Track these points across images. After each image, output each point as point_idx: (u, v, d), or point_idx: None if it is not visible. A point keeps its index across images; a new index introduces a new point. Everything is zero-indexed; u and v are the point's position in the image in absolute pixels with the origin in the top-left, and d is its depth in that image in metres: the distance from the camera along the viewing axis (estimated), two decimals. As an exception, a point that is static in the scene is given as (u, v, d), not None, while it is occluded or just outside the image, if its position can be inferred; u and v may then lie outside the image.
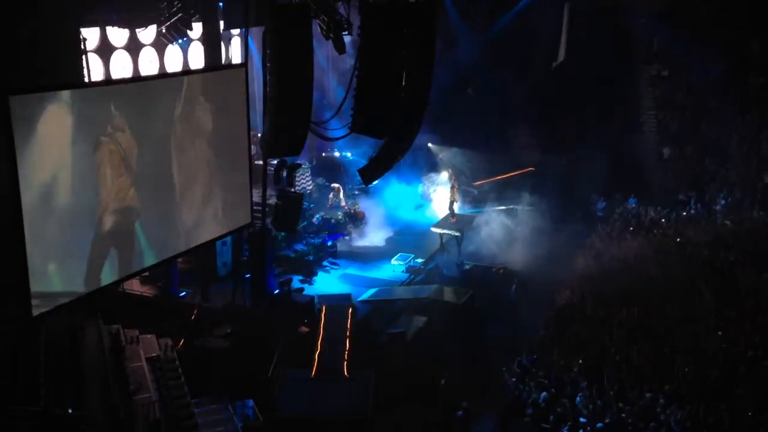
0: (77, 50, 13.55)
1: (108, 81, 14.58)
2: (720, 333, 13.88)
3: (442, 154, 23.44)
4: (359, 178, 16.06)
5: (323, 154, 23.66)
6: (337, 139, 15.81)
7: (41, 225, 10.09)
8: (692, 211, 20.86)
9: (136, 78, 15.14)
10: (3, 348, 10.09)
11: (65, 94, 10.72)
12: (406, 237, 20.50)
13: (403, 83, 13.59)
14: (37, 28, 11.23)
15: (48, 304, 10.76)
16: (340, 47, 13.99)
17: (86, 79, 13.97)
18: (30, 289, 10.35)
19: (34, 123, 10.17)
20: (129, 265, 10.95)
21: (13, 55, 10.80)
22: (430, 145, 23.22)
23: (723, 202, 21.03)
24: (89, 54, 14.53)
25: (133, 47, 15.54)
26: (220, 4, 16.11)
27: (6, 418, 9.04)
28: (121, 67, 15.25)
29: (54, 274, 10.27)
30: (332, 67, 22.93)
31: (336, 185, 21.73)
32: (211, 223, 14.15)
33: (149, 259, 11.63)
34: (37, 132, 10.21)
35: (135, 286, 15.25)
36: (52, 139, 10.48)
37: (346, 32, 14.03)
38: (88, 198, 10.72)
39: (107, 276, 10.85)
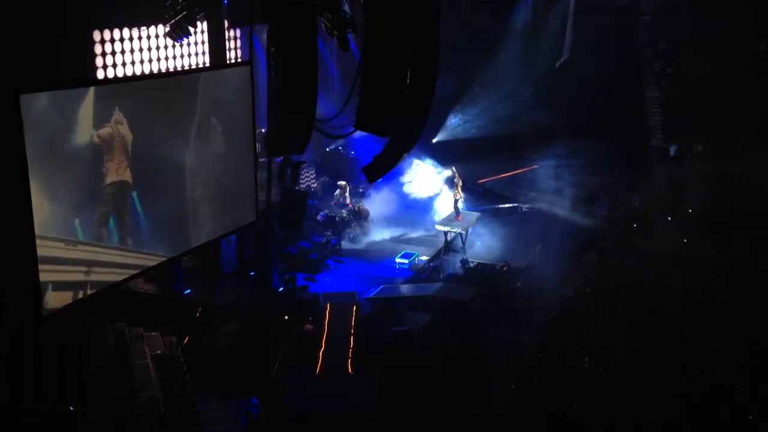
0: (85, 48, 13.58)
1: (114, 79, 14.60)
2: (729, 333, 13.79)
3: (447, 150, 23.40)
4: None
5: (327, 150, 23.63)
6: (342, 137, 15.82)
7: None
8: (698, 209, 20.75)
9: (141, 76, 15.14)
10: (9, 346, 10.12)
11: (73, 92, 10.85)
12: (411, 234, 20.51)
13: (408, 81, 13.57)
14: (46, 27, 11.26)
15: (59, 299, 10.93)
16: (344, 45, 13.98)
17: (94, 77, 14.02)
18: (40, 286, 10.47)
19: (42, 118, 10.30)
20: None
21: (23, 55, 10.87)
22: (434, 141, 23.20)
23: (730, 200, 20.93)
24: (94, 51, 14.54)
25: (137, 45, 15.53)
26: (225, 1, 16.08)
27: (12, 415, 9.09)
28: (124, 64, 15.24)
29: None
30: (337, 64, 22.89)
31: (342, 183, 21.71)
32: (215, 221, 14.17)
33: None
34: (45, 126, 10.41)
35: (140, 285, 15.27)
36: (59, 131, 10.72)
37: (351, 30, 14.01)
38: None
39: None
